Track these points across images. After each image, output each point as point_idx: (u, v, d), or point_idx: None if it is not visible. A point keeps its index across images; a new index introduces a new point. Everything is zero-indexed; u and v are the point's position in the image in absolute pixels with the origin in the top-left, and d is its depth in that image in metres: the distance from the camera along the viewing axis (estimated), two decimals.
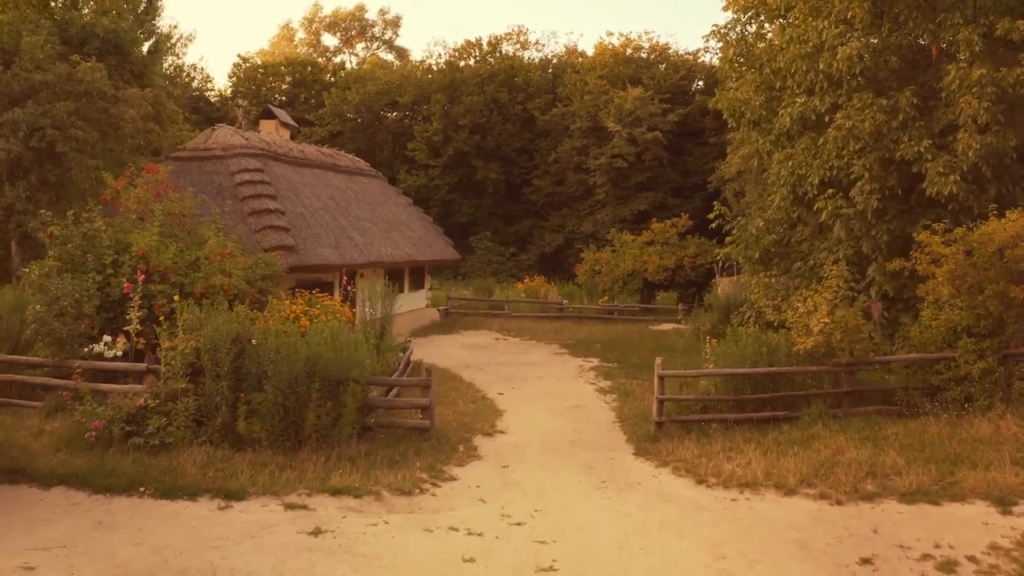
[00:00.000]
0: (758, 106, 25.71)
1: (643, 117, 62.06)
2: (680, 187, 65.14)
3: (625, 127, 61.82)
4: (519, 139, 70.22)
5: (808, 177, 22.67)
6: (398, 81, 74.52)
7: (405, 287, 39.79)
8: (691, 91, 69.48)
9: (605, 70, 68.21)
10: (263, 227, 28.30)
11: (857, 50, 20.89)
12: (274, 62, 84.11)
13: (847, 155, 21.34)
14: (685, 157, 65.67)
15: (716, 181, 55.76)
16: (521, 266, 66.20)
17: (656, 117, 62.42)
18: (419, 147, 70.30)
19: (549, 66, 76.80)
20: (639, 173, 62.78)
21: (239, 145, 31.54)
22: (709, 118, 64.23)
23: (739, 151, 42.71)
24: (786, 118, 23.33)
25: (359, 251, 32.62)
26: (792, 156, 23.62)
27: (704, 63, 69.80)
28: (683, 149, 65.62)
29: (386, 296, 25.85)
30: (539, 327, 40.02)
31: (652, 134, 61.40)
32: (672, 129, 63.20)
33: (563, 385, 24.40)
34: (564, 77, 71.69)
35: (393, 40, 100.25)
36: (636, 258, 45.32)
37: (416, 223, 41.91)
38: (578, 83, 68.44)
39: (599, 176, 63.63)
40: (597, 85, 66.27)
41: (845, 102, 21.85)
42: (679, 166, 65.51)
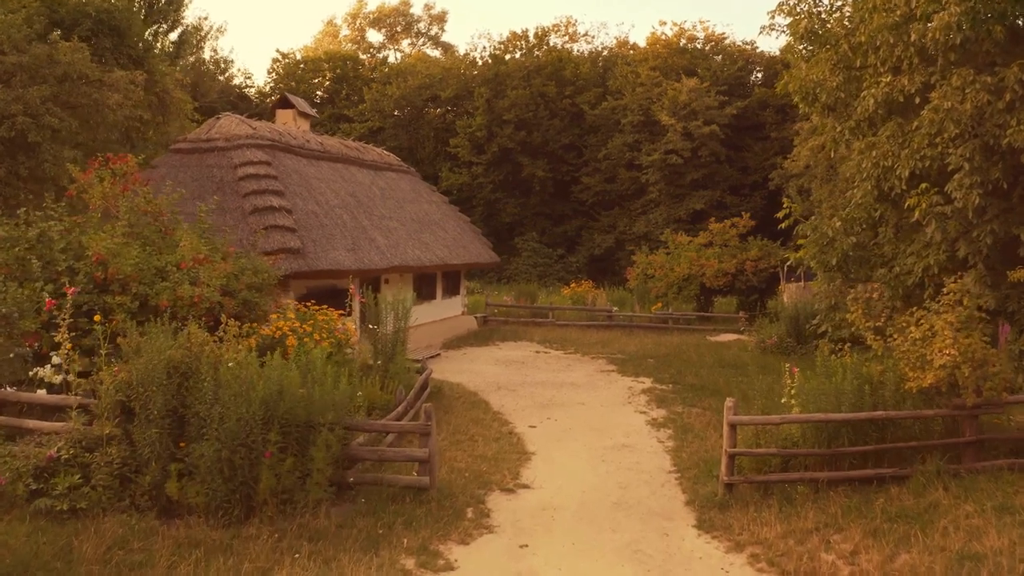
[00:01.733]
0: (835, 88, 21.77)
1: (699, 110, 58.08)
2: (738, 185, 61.11)
3: (680, 121, 57.88)
4: (567, 135, 66.18)
5: (895, 169, 18.62)
6: (440, 75, 70.98)
7: (437, 293, 36.14)
8: (749, 83, 65.32)
9: (658, 61, 64.23)
10: (265, 227, 24.81)
11: (956, 17, 16.76)
12: (314, 57, 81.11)
13: (941, 143, 17.29)
14: (744, 153, 61.60)
15: (778, 177, 51.84)
16: (569, 269, 62.36)
17: (712, 110, 58.42)
18: (461, 143, 66.69)
19: (599, 58, 72.78)
20: (695, 170, 58.75)
21: (244, 135, 28.05)
22: (770, 111, 60.64)
23: (808, 143, 38.62)
24: (869, 101, 19.35)
25: (380, 254, 28.95)
26: (876, 145, 19.67)
27: (763, 53, 65.93)
28: (741, 144, 61.57)
29: (399, 307, 22.04)
30: (585, 338, 36.14)
31: (708, 128, 57.38)
32: (730, 123, 59.19)
33: (608, 415, 20.43)
34: (615, 69, 67.76)
35: (439, 36, 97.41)
36: (693, 261, 41.22)
37: (451, 223, 38.19)
38: (629, 75, 64.47)
39: (652, 173, 59.61)
40: (650, 77, 62.31)
41: (940, 81, 17.84)
42: (737, 162, 61.42)
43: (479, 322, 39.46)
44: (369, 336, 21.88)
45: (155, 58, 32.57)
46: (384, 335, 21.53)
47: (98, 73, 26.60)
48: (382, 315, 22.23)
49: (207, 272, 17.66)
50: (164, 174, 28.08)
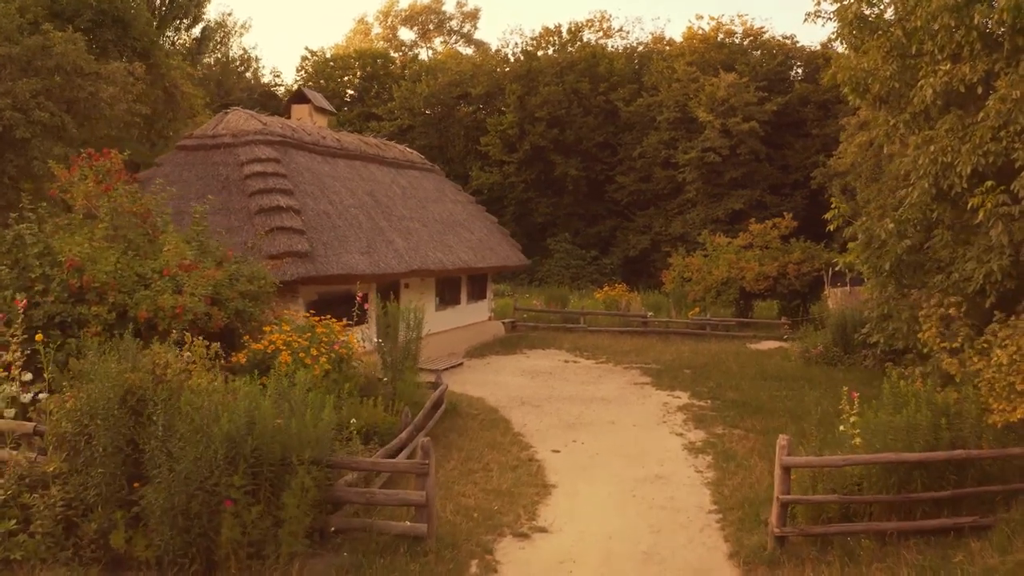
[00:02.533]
0: (888, 77, 19.76)
1: (737, 106, 55.98)
2: (779, 184, 58.93)
3: (718, 117, 55.83)
4: (601, 132, 64.22)
5: (955, 166, 16.57)
6: (470, 72, 69.17)
7: (462, 298, 34.31)
8: (789, 78, 63.07)
9: (695, 56, 62.13)
10: (270, 228, 23.05)
11: None
12: (344, 55, 79.62)
13: (1007, 136, 15.23)
14: (784, 151, 59.43)
15: (821, 176, 49.72)
16: (603, 271, 60.40)
17: (752, 106, 56.30)
18: (492, 142, 64.92)
19: (634, 54, 70.76)
20: (733, 168, 56.64)
21: (252, 131, 26.33)
22: (811, 107, 58.43)
23: (855, 139, 36.45)
24: (926, 91, 17.38)
25: (399, 258, 27.15)
26: (934, 140, 17.68)
27: (803, 47, 63.79)
28: (782, 142, 59.40)
29: (411, 316, 20.19)
30: (618, 345, 34.19)
31: (748, 124, 55.27)
32: (769, 119, 57.05)
33: (641, 437, 18.44)
34: (650, 65, 65.72)
35: (472, 34, 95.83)
36: (732, 264, 39.09)
37: (477, 224, 36.33)
38: (665, 70, 62.43)
39: (689, 172, 57.54)
40: (686, 72, 60.22)
41: (1006, 68, 15.82)
42: (778, 160, 59.23)
43: (507, 328, 37.58)
44: (380, 348, 19.97)
45: (162, 51, 30.83)
46: (395, 347, 19.60)
47: (95, 65, 24.95)
48: (393, 324, 20.34)
49: (194, 280, 15.93)
50: (168, 172, 26.54)
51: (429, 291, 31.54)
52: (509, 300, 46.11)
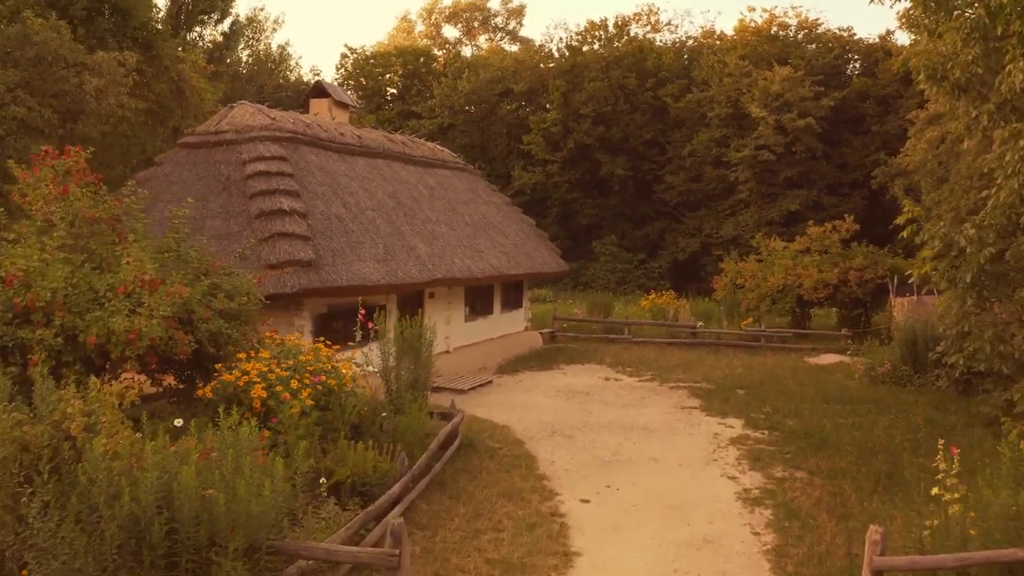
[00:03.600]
0: (969, 62, 17.17)
1: (793, 101, 52.90)
2: (836, 184, 55.79)
3: (772, 113, 52.81)
4: (649, 130, 61.29)
5: None
6: (512, 68, 66.52)
7: (495, 308, 31.79)
8: (846, 72, 59.86)
9: (747, 49, 59.04)
10: (270, 234, 20.67)
11: None
12: (384, 52, 77.41)
13: None
14: (842, 148, 56.28)
15: (882, 175, 46.69)
16: (650, 275, 57.61)
17: (808, 101, 53.19)
18: (535, 140, 62.26)
19: (683, 49, 67.72)
20: (788, 167, 53.55)
21: (258, 127, 23.96)
22: (870, 103, 55.29)
23: (924, 134, 33.47)
24: (1015, 77, 14.80)
25: (420, 265, 24.65)
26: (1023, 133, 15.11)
27: (861, 40, 60.33)
28: (839, 139, 56.26)
29: (418, 335, 17.62)
30: (665, 359, 31.47)
31: (804, 121, 52.19)
32: (826, 116, 53.89)
33: (687, 481, 15.70)
34: (700, 59, 62.73)
35: (517, 31, 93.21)
36: (788, 270, 36.14)
37: (512, 227, 33.72)
38: (716, 64, 59.40)
39: (741, 171, 54.47)
40: (738, 66, 57.18)
41: None
42: (835, 159, 56.08)
43: (545, 339, 34.96)
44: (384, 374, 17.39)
45: (166, 41, 28.38)
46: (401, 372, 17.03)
47: (82, 56, 22.59)
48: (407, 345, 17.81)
49: (155, 298, 13.52)
50: (169, 172, 24.30)
51: (458, 300, 29.03)
52: (550, 307, 43.54)
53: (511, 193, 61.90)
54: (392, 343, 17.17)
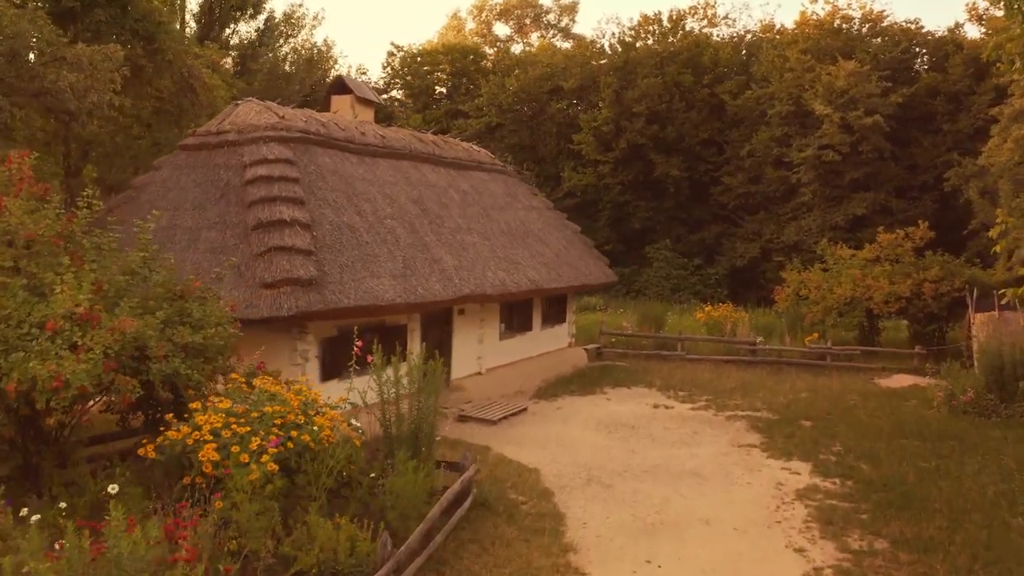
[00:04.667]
0: None
1: (859, 98, 49.39)
2: (905, 186, 52.13)
3: (837, 110, 49.34)
4: (706, 129, 58.00)
5: None
6: (562, 64, 63.61)
7: (534, 323, 29.08)
8: (914, 67, 56.30)
9: (809, 43, 55.59)
10: (267, 248, 18.13)
11: None
12: (431, 50, 75.03)
13: None
14: (911, 148, 52.59)
15: (956, 177, 43.37)
16: (707, 282, 54.46)
17: (874, 98, 49.67)
18: (586, 140, 59.22)
19: (742, 44, 64.34)
20: (854, 168, 50.00)
21: (263, 126, 21.46)
22: (941, 100, 51.67)
23: (1011, 131, 30.25)
24: None
25: (445, 280, 22.03)
26: None
27: (929, 33, 56.60)
28: (908, 138, 52.59)
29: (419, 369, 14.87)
30: (721, 380, 28.59)
31: (871, 119, 48.64)
32: (894, 113, 50.23)
33: (745, 556, 12.82)
34: (759, 54, 59.41)
35: (570, 28, 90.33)
36: (857, 281, 32.97)
37: (554, 234, 30.95)
38: (777, 59, 55.95)
39: (804, 172, 50.92)
40: (800, 61, 53.71)
41: None
42: (904, 159, 52.42)
43: (590, 356, 32.15)
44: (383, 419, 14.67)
45: (170, 34, 25.79)
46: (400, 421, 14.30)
47: (61, 49, 20.16)
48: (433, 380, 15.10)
49: (96, 335, 11.08)
50: (166, 177, 21.96)
51: (492, 317, 26.35)
52: (599, 317, 40.78)
53: (561, 195, 59.29)
54: (391, 382, 14.32)
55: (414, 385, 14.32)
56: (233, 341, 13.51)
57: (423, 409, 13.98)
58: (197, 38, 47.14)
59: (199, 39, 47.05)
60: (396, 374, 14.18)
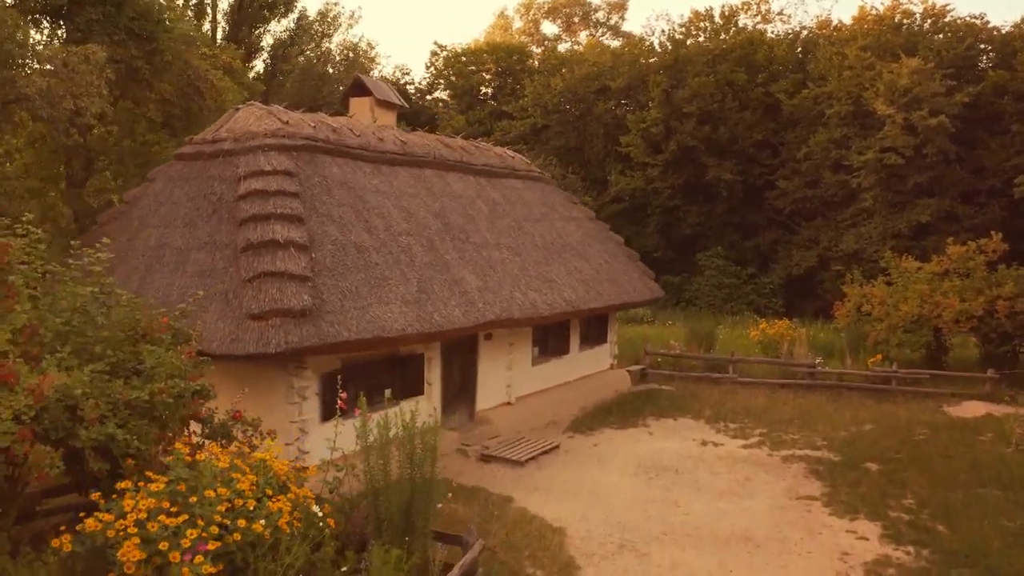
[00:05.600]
0: None
1: (923, 97, 46.37)
2: (971, 191, 48.72)
3: (899, 110, 46.41)
4: (760, 130, 55.06)
5: None
6: (610, 63, 61.07)
7: (571, 346, 26.68)
8: (979, 65, 53.06)
9: (868, 39, 52.56)
10: (256, 274, 15.90)
11: None
12: (476, 49, 72.85)
13: None
14: (978, 151, 49.25)
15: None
16: (761, 292, 51.70)
17: (939, 97, 46.62)
18: (634, 141, 56.65)
19: (797, 40, 61.32)
20: (918, 172, 46.83)
21: (262, 133, 19.22)
22: (1008, 99, 48.37)
23: None
24: None
25: (467, 305, 19.76)
26: None
27: (995, 29, 53.37)
28: (974, 140, 49.29)
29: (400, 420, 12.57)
30: (777, 407, 26.12)
31: (936, 119, 45.57)
32: (959, 113, 47.08)
33: None
34: (816, 51, 56.43)
35: (619, 26, 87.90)
36: (924, 297, 30.28)
37: (595, 247, 28.52)
38: (835, 56, 52.92)
39: (864, 176, 47.79)
40: (860, 58, 50.70)
41: None
42: (970, 163, 49.13)
43: (634, 378, 29.70)
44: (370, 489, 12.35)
45: (170, 33, 23.57)
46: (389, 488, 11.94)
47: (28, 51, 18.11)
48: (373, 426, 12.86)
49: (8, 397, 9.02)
50: (160, 190, 19.88)
51: (523, 340, 24.03)
52: (645, 330, 38.34)
53: (607, 199, 56.89)
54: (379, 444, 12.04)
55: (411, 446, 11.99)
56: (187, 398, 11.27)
57: (417, 481, 11.63)
58: (226, 38, 45.30)
59: (229, 39, 45.21)
60: (383, 437, 11.82)
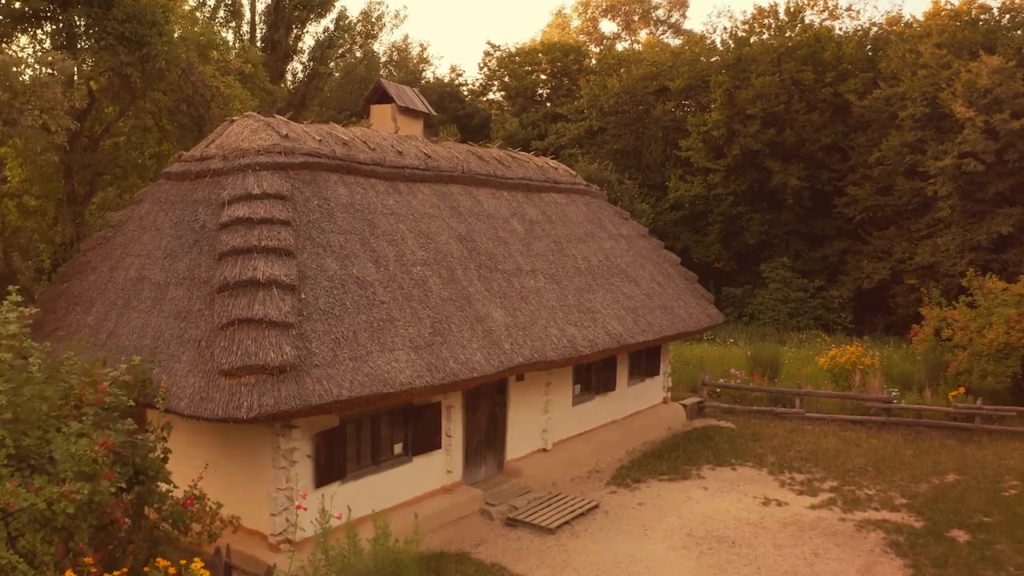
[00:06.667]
0: None
1: (1004, 98, 42.97)
2: None
3: (979, 112, 43.07)
4: (828, 132, 51.64)
5: None
6: (669, 62, 58.11)
7: (618, 380, 23.93)
8: None
9: (944, 36, 49.10)
10: (230, 321, 13.44)
11: None
12: (530, 49, 70.30)
13: None
14: None
15: None
16: (829, 306, 48.40)
17: (1021, 98, 43.16)
18: (694, 145, 53.65)
19: (867, 38, 57.85)
20: (999, 179, 43.20)
21: (254, 149, 16.70)
22: None
23: None
24: None
25: (490, 347, 17.20)
26: None
27: None
28: None
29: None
30: (849, 452, 23.23)
31: (1019, 122, 42.15)
32: None
33: None
34: (887, 49, 52.97)
35: (680, 23, 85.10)
36: (1012, 323, 27.22)
37: (647, 269, 25.75)
38: (907, 54, 49.48)
39: (941, 183, 44.24)
40: (935, 56, 47.31)
41: None
42: None
43: (690, 412, 26.92)
44: None
45: (165, 36, 21.07)
46: None
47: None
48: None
49: None
50: (145, 213, 17.61)
51: (562, 378, 21.40)
52: (705, 349, 35.54)
53: (666, 206, 54.08)
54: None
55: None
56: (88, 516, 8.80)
57: None
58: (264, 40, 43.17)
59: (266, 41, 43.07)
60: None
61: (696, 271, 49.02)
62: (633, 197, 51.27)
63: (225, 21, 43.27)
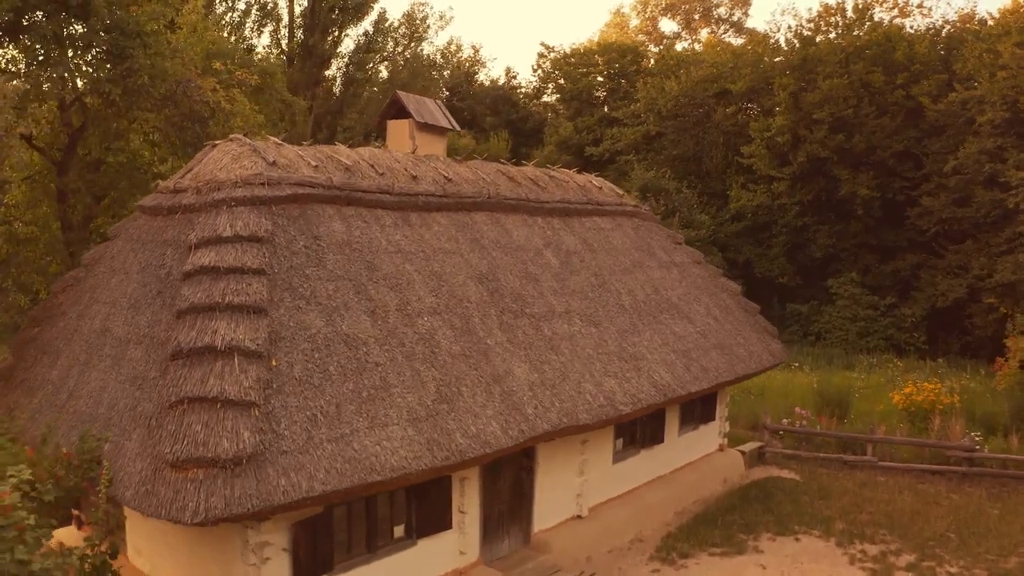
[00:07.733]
0: None
1: None
2: None
3: None
4: (900, 138, 48.45)
5: None
6: (730, 63, 55.31)
7: (666, 432, 21.20)
8: None
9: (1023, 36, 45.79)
10: (179, 399, 11.04)
11: None
12: (585, 50, 67.87)
13: None
14: None
15: None
16: (901, 325, 45.26)
17: None
18: (757, 151, 50.94)
19: (939, 36, 54.55)
20: None
21: (230, 181, 14.25)
22: None
23: None
24: None
25: (509, 412, 14.68)
26: None
27: None
28: None
29: None
30: (928, 512, 20.43)
31: None
32: None
33: None
34: (963, 49, 49.67)
35: (742, 22, 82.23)
36: None
37: (702, 301, 22.99)
38: (985, 55, 46.20)
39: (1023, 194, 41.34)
40: (1015, 56, 44.06)
41: None
42: None
43: (748, 460, 24.22)
44: None
45: (151, 48, 18.69)
46: None
47: None
48: None
49: None
50: (117, 252, 15.29)
51: (602, 432, 18.73)
52: (766, 378, 32.70)
53: (727, 217, 51.34)
54: None
55: None
56: None
57: None
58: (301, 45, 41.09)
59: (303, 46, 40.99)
60: None
61: (759, 286, 46.08)
62: (692, 207, 48.70)
63: (258, 26, 41.26)
